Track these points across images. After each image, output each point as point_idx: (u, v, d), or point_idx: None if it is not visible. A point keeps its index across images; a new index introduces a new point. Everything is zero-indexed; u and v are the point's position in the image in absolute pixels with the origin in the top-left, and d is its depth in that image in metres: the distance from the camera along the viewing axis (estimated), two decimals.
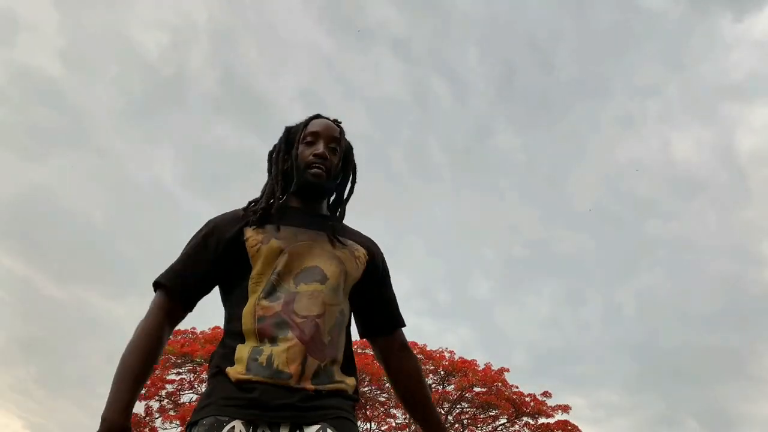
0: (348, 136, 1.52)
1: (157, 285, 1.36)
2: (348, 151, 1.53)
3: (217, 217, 1.43)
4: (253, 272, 1.32)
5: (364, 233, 1.54)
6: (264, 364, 1.22)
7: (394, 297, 1.53)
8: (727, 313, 24.48)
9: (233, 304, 1.34)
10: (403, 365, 1.50)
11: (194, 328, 12.30)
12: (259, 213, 1.38)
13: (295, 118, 1.55)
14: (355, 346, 4.87)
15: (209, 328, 12.08)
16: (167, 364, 11.75)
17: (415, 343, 13.06)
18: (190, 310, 1.40)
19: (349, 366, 1.34)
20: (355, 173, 1.54)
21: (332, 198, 1.53)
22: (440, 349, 12.92)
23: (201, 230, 1.41)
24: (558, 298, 24.66)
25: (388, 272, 1.52)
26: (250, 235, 1.36)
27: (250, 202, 1.47)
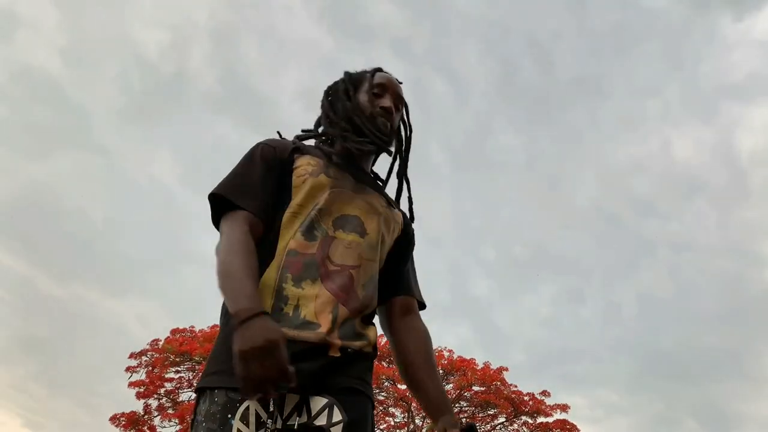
0: None
1: (224, 206, 1.23)
2: (407, 115, 1.47)
3: (267, 139, 1.35)
4: (293, 202, 1.24)
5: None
6: (291, 314, 1.13)
7: (413, 273, 1.43)
8: (726, 312, 24.52)
9: (275, 232, 1.23)
10: (409, 331, 1.35)
11: (193, 327, 12.31)
12: (316, 142, 1.37)
13: (296, 117, 1.55)
14: None
15: (208, 327, 12.09)
16: (166, 362, 11.74)
17: None
18: (261, 222, 1.23)
19: (370, 316, 1.26)
20: (410, 138, 1.47)
21: (377, 159, 1.46)
22: (439, 348, 12.93)
23: (254, 150, 1.31)
24: (557, 297, 24.68)
25: (412, 249, 1.44)
26: (300, 163, 1.29)
27: (303, 131, 1.43)
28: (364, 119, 1.34)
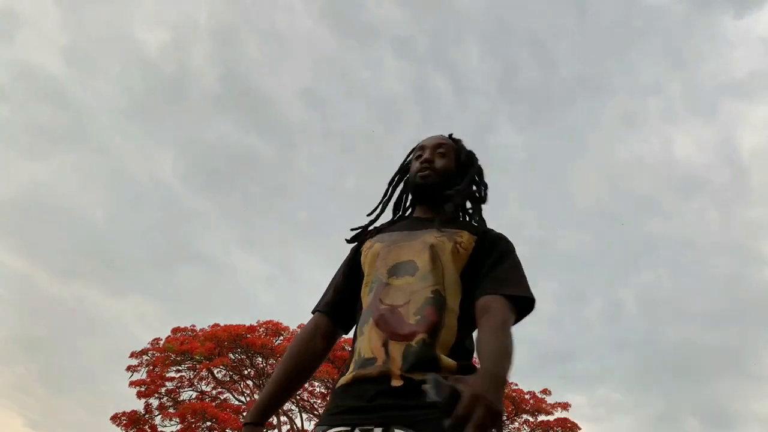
0: (349, 135, 1.58)
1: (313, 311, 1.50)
2: (467, 154, 1.58)
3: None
4: (364, 277, 1.40)
5: (494, 229, 1.47)
6: (356, 358, 1.25)
7: (502, 272, 1.34)
8: (727, 311, 24.52)
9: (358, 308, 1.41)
10: (480, 326, 1.25)
11: (194, 326, 12.31)
12: (364, 230, 1.54)
13: (296, 116, 1.55)
14: None
15: (208, 326, 12.09)
16: (167, 361, 11.76)
17: None
18: (346, 327, 1.46)
19: (458, 350, 1.24)
20: (473, 170, 1.55)
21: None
22: None
23: None
24: (559, 296, 24.68)
25: (505, 254, 1.38)
26: (365, 245, 1.47)
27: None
28: (412, 180, 1.54)
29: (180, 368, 12.11)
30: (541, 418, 12.62)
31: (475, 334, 1.28)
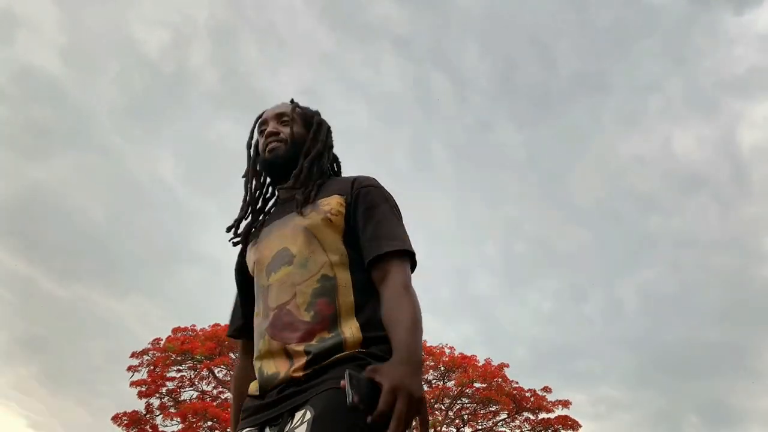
0: (349, 134, 1.51)
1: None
2: (309, 115, 1.44)
3: None
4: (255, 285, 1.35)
5: (357, 174, 1.38)
6: (258, 374, 1.23)
7: (381, 226, 1.26)
8: (728, 308, 24.51)
9: None
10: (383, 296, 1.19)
11: (194, 326, 12.32)
12: (237, 237, 1.40)
13: None
14: None
15: (209, 326, 12.10)
16: (167, 361, 11.77)
17: None
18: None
19: (368, 324, 1.18)
20: (319, 132, 1.41)
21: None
22: (440, 346, 12.95)
23: None
24: (559, 293, 24.70)
25: (371, 207, 1.29)
26: (248, 252, 1.38)
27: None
28: (261, 163, 1.40)
29: (181, 368, 12.12)
30: (542, 415, 12.65)
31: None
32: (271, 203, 1.46)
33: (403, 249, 1.23)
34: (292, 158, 1.35)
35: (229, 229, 1.41)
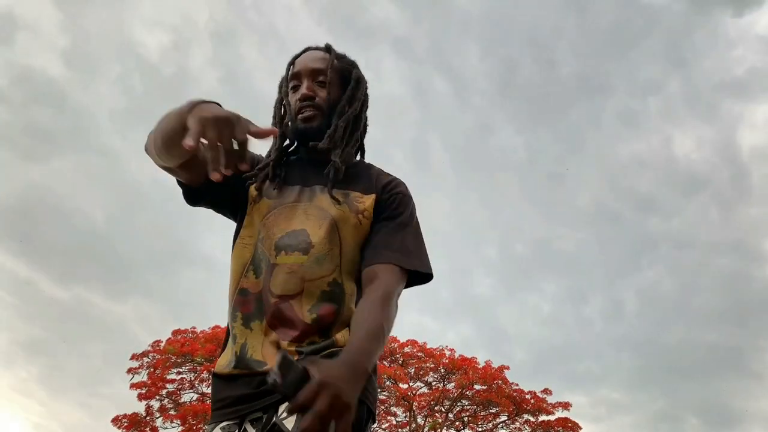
0: None
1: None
2: (347, 71, 1.33)
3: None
4: (242, 231, 1.25)
5: (387, 172, 1.34)
6: (242, 354, 1.16)
7: (411, 241, 1.24)
8: (728, 309, 24.51)
9: (231, 268, 1.25)
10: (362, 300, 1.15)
11: (194, 328, 12.31)
12: (256, 175, 1.26)
13: None
14: None
15: (209, 328, 12.09)
16: (167, 363, 11.75)
17: (416, 341, 13.06)
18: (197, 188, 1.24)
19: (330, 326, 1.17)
20: (357, 90, 1.32)
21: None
22: (440, 348, 12.94)
23: None
24: (559, 295, 24.69)
25: (408, 219, 1.27)
26: (251, 192, 1.27)
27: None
28: (293, 121, 1.28)
29: (181, 370, 12.10)
30: (542, 417, 12.63)
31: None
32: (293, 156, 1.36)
33: (428, 272, 1.23)
34: (326, 125, 1.27)
35: (249, 179, 1.27)
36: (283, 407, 1.07)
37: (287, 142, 1.31)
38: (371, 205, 1.25)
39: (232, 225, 1.39)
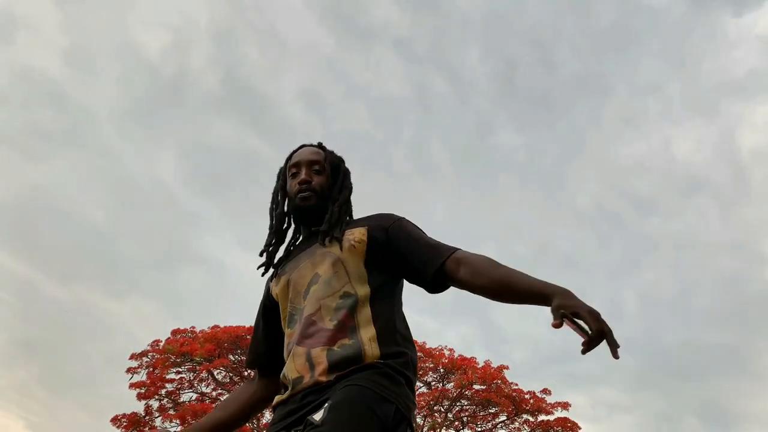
0: (350, 135, 1.58)
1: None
2: (336, 164, 1.59)
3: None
4: (281, 311, 1.50)
5: (376, 213, 1.55)
6: (286, 382, 1.36)
7: (423, 244, 1.44)
8: (728, 310, 24.50)
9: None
10: (468, 270, 1.35)
11: (194, 327, 12.31)
12: (267, 267, 1.56)
13: (297, 117, 1.57)
14: None
15: (208, 327, 12.09)
16: (167, 363, 11.75)
17: (415, 341, 13.06)
18: (273, 372, 1.54)
19: (384, 337, 1.32)
20: (345, 180, 1.58)
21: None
22: (439, 347, 12.94)
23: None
24: None
25: (401, 231, 1.46)
26: (272, 286, 1.54)
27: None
28: (292, 203, 1.54)
29: (180, 370, 12.10)
30: (542, 417, 12.63)
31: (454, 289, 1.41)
32: (293, 238, 1.61)
33: (452, 249, 1.42)
34: (320, 207, 1.51)
35: (261, 254, 1.56)
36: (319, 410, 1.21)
37: (285, 225, 1.58)
38: (360, 233, 1.46)
39: (232, 225, 1.46)
